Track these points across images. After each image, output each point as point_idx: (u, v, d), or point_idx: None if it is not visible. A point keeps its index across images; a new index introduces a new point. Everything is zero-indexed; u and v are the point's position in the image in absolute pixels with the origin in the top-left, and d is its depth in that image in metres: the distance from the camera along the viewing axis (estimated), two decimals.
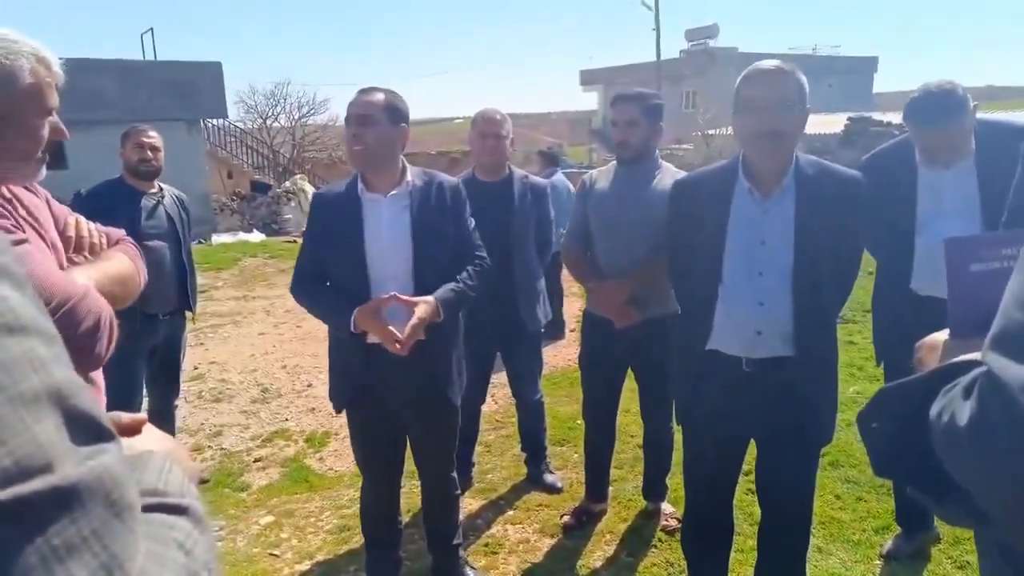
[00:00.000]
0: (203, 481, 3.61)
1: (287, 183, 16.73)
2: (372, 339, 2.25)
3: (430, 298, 2.23)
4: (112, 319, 1.36)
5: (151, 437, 0.76)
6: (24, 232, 1.34)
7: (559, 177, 6.06)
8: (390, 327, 2.15)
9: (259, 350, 6.08)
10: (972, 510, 0.56)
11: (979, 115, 2.38)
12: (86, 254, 1.51)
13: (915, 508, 2.71)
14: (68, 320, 1.22)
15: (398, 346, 2.15)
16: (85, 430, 0.49)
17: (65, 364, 0.50)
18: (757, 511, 2.37)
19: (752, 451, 2.28)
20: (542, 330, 3.39)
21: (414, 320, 2.16)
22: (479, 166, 3.20)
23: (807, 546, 2.29)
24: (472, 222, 2.47)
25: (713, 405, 2.13)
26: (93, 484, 0.46)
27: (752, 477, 2.66)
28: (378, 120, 2.20)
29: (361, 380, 2.33)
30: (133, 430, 0.76)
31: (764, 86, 1.92)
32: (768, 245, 2.00)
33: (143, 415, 0.78)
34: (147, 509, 0.60)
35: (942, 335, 0.88)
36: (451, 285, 2.31)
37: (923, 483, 0.65)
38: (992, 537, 0.65)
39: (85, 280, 1.37)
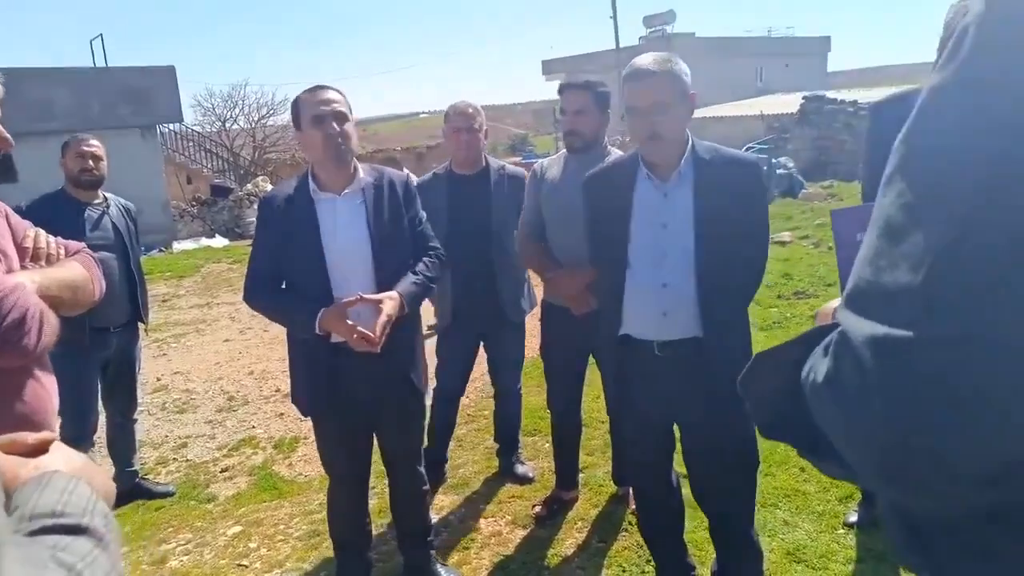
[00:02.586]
0: (169, 494, 3.55)
1: (249, 186, 16.49)
2: (336, 338, 2.23)
3: (394, 293, 2.23)
4: (43, 315, 1.39)
5: (60, 457, 0.74)
6: None
7: None
8: (358, 327, 2.13)
9: (224, 357, 5.99)
10: (845, 463, 0.59)
11: None
12: (42, 263, 1.56)
13: None
14: None
15: (366, 344, 2.13)
16: None
17: None
18: None
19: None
20: (525, 319, 3.38)
21: (382, 318, 2.15)
22: (456, 160, 3.18)
23: (751, 525, 2.31)
24: (423, 215, 2.46)
25: (633, 391, 2.18)
26: None
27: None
28: (349, 117, 2.22)
29: (329, 382, 2.29)
30: (39, 450, 0.73)
31: (638, 92, 1.97)
32: (670, 228, 2.05)
33: (51, 434, 0.76)
34: (41, 531, 0.59)
35: (836, 302, 0.90)
36: (412, 278, 2.32)
37: (804, 443, 0.67)
38: (884, 497, 0.68)
39: (26, 281, 1.42)
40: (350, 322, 2.14)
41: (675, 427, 2.31)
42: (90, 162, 3.16)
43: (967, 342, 0.48)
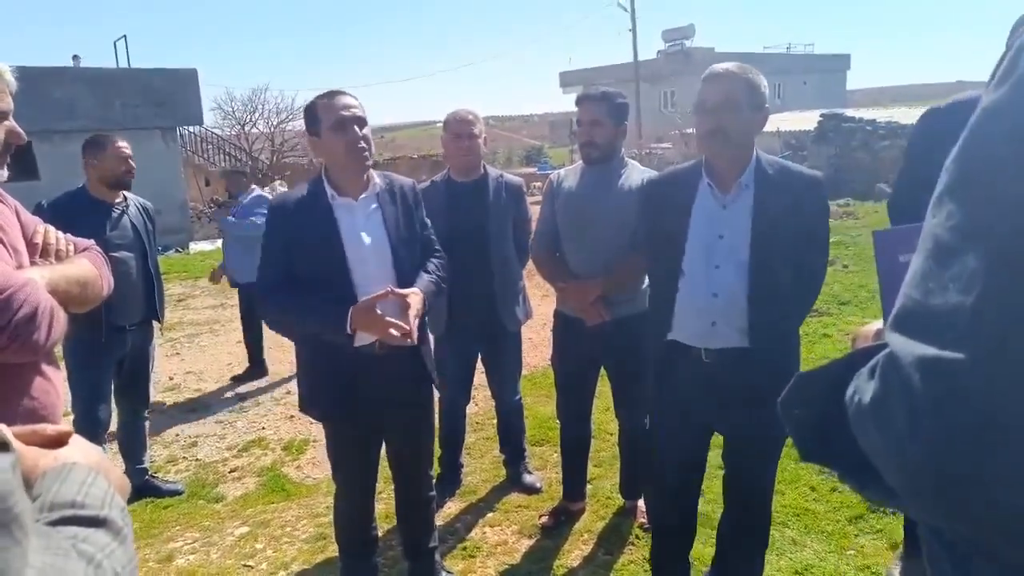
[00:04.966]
0: (177, 492, 3.57)
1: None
2: (359, 342, 2.23)
3: (417, 289, 2.26)
4: (53, 311, 1.40)
5: (77, 449, 0.75)
6: None
7: None
8: (393, 320, 2.14)
9: (236, 359, 6.02)
10: (888, 489, 0.57)
11: None
12: (51, 259, 1.57)
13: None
14: (4, 307, 1.30)
15: (397, 335, 2.13)
16: None
17: None
18: None
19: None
20: (521, 328, 3.38)
21: (413, 310, 2.19)
22: (454, 167, 3.20)
23: (765, 544, 2.31)
24: (428, 220, 2.50)
25: (678, 396, 2.17)
26: None
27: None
28: (368, 122, 2.23)
29: (350, 386, 2.29)
30: (58, 442, 0.74)
31: (712, 88, 1.99)
32: (726, 239, 2.05)
33: (68, 427, 0.77)
34: (62, 522, 0.60)
35: (876, 324, 0.88)
36: (428, 277, 2.35)
37: (846, 467, 0.66)
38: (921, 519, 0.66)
39: (36, 276, 1.43)
40: (381, 316, 2.15)
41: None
42: (130, 162, 3.24)
43: (1019, 366, 0.47)
